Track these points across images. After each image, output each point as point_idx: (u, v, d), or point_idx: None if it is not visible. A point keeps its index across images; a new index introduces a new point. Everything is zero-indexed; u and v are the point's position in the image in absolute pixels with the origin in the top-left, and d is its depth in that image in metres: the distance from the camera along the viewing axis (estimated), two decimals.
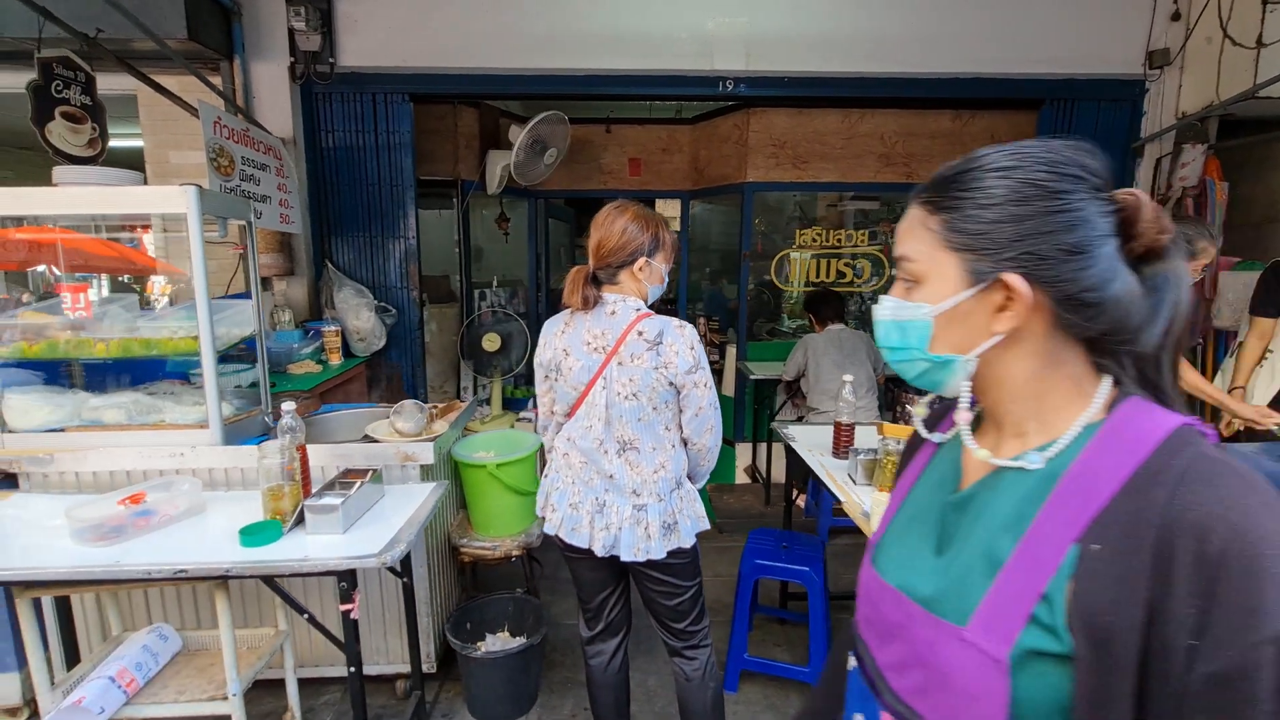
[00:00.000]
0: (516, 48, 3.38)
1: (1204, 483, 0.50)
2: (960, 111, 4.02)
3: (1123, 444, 0.55)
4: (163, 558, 1.54)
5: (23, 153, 6.40)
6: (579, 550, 1.59)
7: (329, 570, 1.51)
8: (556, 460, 1.64)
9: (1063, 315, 0.57)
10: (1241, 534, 0.47)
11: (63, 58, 2.22)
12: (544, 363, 1.62)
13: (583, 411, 1.56)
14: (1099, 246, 0.56)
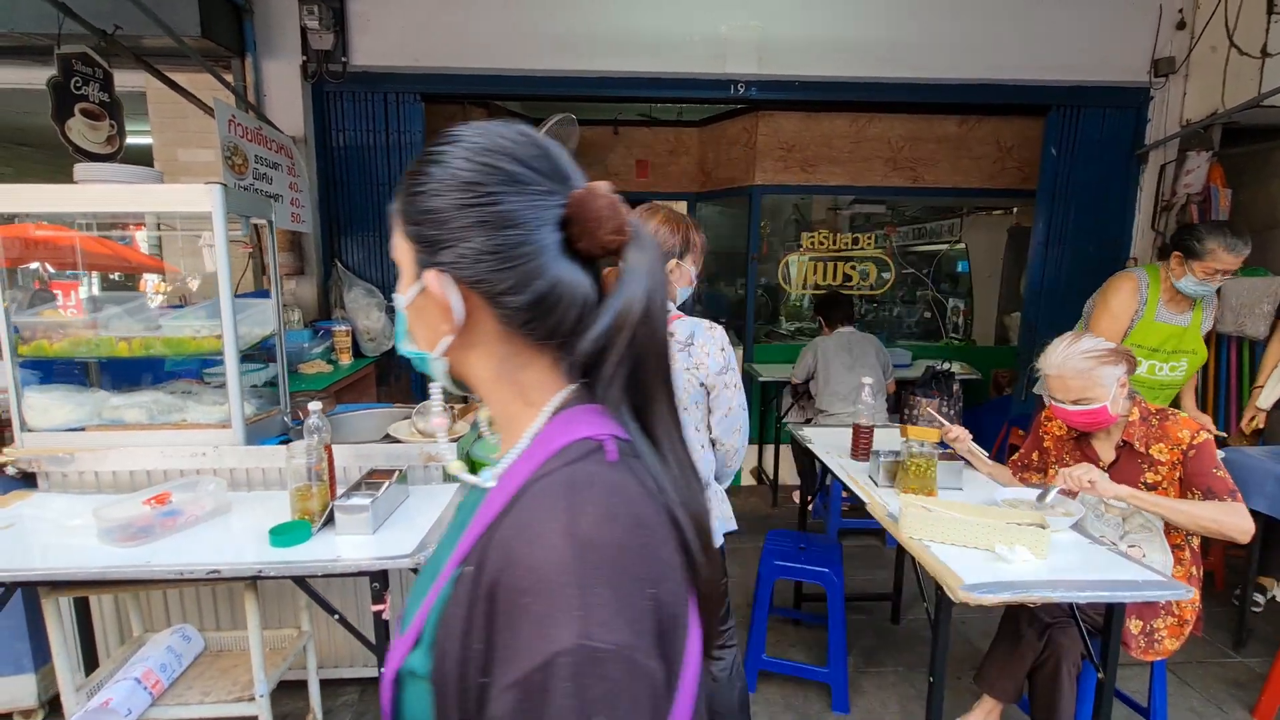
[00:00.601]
0: (530, 49, 3.38)
1: (528, 502, 0.46)
2: (966, 117, 4.06)
3: (531, 458, 0.50)
4: (192, 558, 1.53)
5: (21, 149, 6.34)
6: None
7: (361, 570, 1.51)
8: None
9: (501, 317, 0.52)
10: (513, 564, 0.43)
11: (81, 54, 2.21)
12: None
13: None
14: (527, 244, 0.50)
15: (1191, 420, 1.74)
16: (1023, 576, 1.44)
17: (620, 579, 0.42)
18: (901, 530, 1.65)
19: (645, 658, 0.42)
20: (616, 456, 0.48)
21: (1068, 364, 1.75)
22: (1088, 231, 3.72)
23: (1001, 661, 1.81)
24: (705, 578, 0.50)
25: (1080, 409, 1.74)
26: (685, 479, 0.52)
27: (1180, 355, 2.45)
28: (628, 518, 0.45)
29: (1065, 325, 3.79)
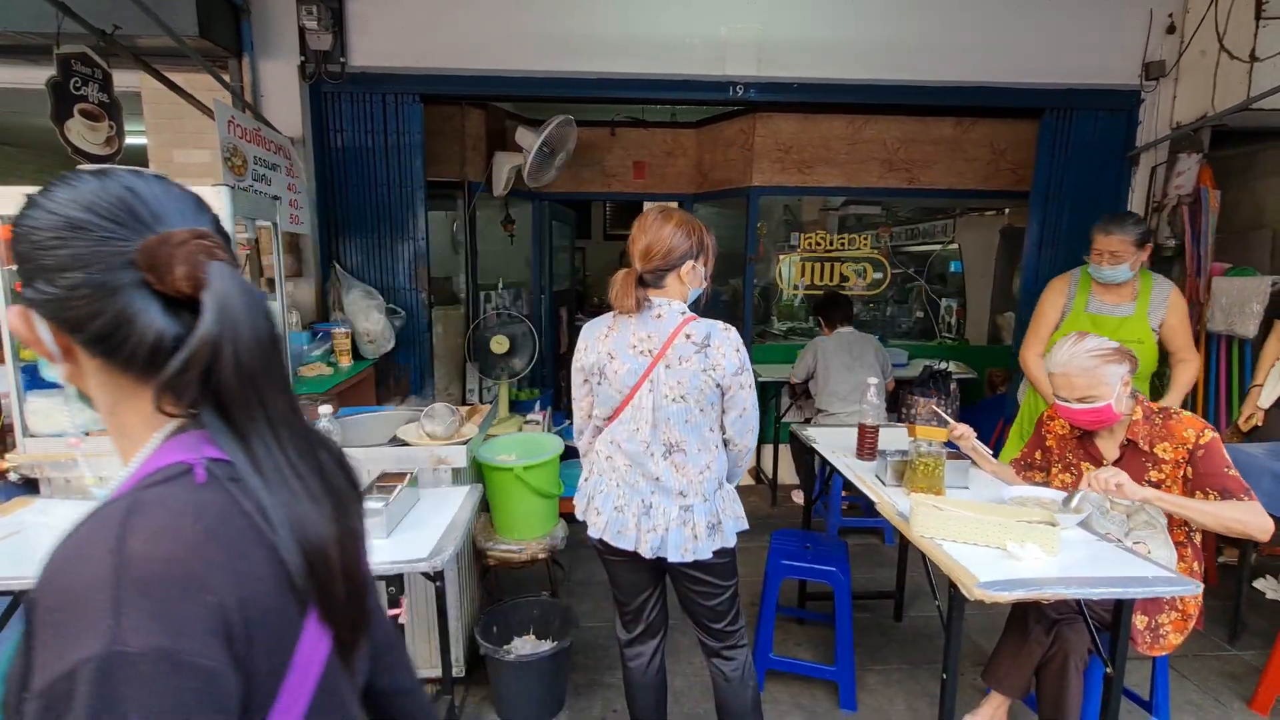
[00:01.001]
0: (530, 50, 3.38)
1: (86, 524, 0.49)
2: (961, 119, 4.11)
3: (126, 484, 0.54)
4: None
5: (6, 149, 6.24)
6: (622, 553, 1.59)
7: (377, 575, 1.50)
8: (599, 463, 1.64)
9: (86, 352, 0.56)
10: (48, 583, 0.46)
11: (81, 54, 2.18)
12: (585, 366, 1.61)
13: (628, 414, 1.56)
14: (85, 286, 0.53)
15: (1196, 419, 1.76)
16: (1035, 573, 1.47)
17: (165, 588, 0.46)
18: (913, 529, 1.67)
19: (195, 657, 0.45)
20: (204, 478, 0.53)
21: (1073, 362, 1.77)
22: (1081, 232, 3.76)
23: (1009, 658, 1.83)
24: (321, 591, 0.55)
25: (1085, 407, 1.77)
26: (300, 499, 0.56)
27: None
28: (193, 533, 0.49)
29: None
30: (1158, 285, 2.48)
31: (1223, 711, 2.22)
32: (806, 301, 4.58)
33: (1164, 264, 3.66)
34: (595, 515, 1.62)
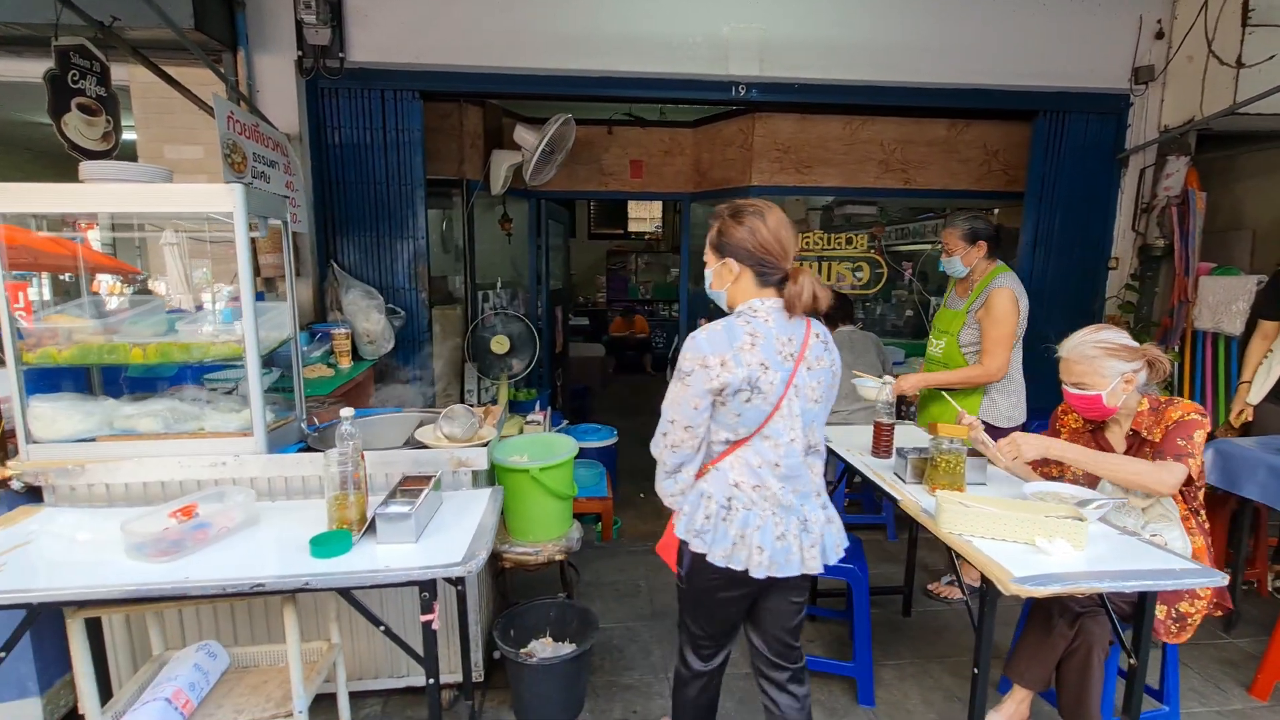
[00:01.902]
0: (531, 47, 3.35)
1: None
2: (955, 120, 4.17)
3: None
4: (228, 572, 1.47)
5: None
6: (753, 583, 1.45)
7: (411, 580, 1.48)
8: (741, 496, 1.44)
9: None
10: None
11: (79, 46, 2.10)
12: (731, 383, 1.37)
13: (780, 426, 1.42)
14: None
15: (1191, 405, 1.83)
16: (1065, 568, 1.49)
17: None
18: (942, 526, 1.68)
19: None
20: None
21: (1077, 349, 1.90)
22: (1072, 233, 3.86)
23: (1032, 650, 1.87)
24: None
25: (1076, 392, 1.89)
26: None
27: (942, 335, 2.73)
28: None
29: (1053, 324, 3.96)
30: (990, 284, 2.57)
31: (1223, 698, 2.29)
32: None
33: (1153, 263, 3.77)
34: (757, 554, 1.43)
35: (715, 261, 1.49)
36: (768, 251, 1.42)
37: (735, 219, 1.45)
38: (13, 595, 1.36)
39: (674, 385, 1.45)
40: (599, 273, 10.40)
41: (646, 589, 2.99)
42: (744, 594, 1.52)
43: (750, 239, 1.43)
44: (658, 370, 9.57)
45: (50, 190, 1.74)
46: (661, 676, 2.37)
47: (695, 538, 1.47)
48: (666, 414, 1.46)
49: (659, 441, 1.51)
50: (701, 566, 1.48)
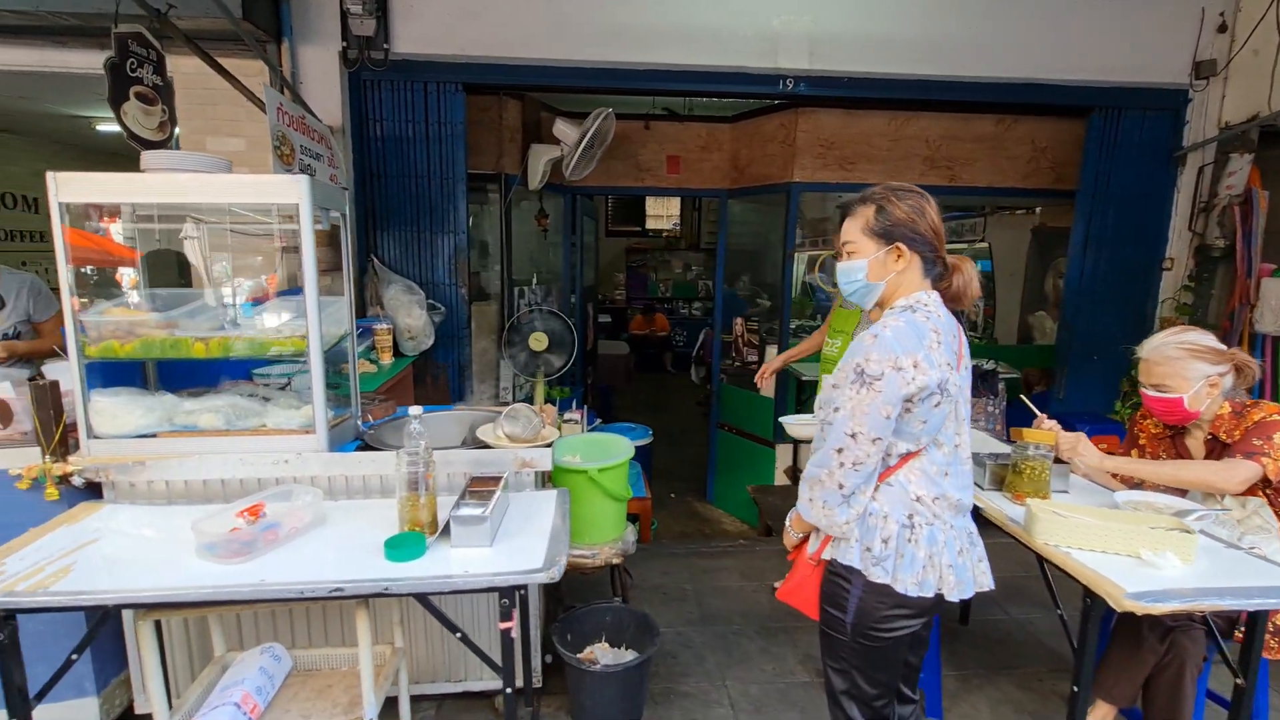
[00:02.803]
0: (576, 39, 3.29)
1: None
2: (1003, 116, 4.06)
3: None
4: (300, 574, 1.43)
5: (4, 135, 6.03)
6: (934, 607, 1.33)
7: (492, 586, 1.42)
8: (924, 512, 1.30)
9: None
10: None
11: (137, 34, 2.06)
12: (929, 385, 1.24)
13: (950, 431, 1.32)
14: None
15: (1276, 405, 1.76)
16: (1176, 583, 1.42)
17: None
18: (1036, 537, 1.61)
19: None
20: None
21: (1160, 349, 1.82)
22: (1125, 233, 3.76)
23: (1119, 665, 1.79)
24: None
25: (1156, 394, 1.81)
26: None
27: (838, 334, 2.75)
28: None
29: (1104, 325, 3.87)
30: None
31: None
32: None
33: (1210, 264, 3.66)
34: (948, 574, 1.30)
35: (878, 248, 1.33)
36: (938, 236, 1.33)
37: (898, 198, 1.32)
38: (87, 597, 1.32)
39: (856, 393, 1.25)
40: (618, 270, 10.34)
41: (693, 592, 2.93)
42: (921, 625, 1.36)
43: (921, 221, 1.31)
44: (678, 369, 9.50)
45: (117, 180, 1.70)
46: (719, 684, 2.31)
47: (875, 566, 1.29)
48: (844, 427, 1.26)
49: (830, 461, 1.28)
50: (881, 601, 1.30)
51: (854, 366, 1.27)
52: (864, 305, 1.41)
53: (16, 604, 1.30)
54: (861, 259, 1.36)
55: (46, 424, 1.72)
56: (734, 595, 2.92)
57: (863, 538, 1.31)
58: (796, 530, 1.48)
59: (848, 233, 1.39)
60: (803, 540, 1.48)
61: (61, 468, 1.75)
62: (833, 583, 1.36)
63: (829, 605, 1.38)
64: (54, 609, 1.31)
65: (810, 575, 1.43)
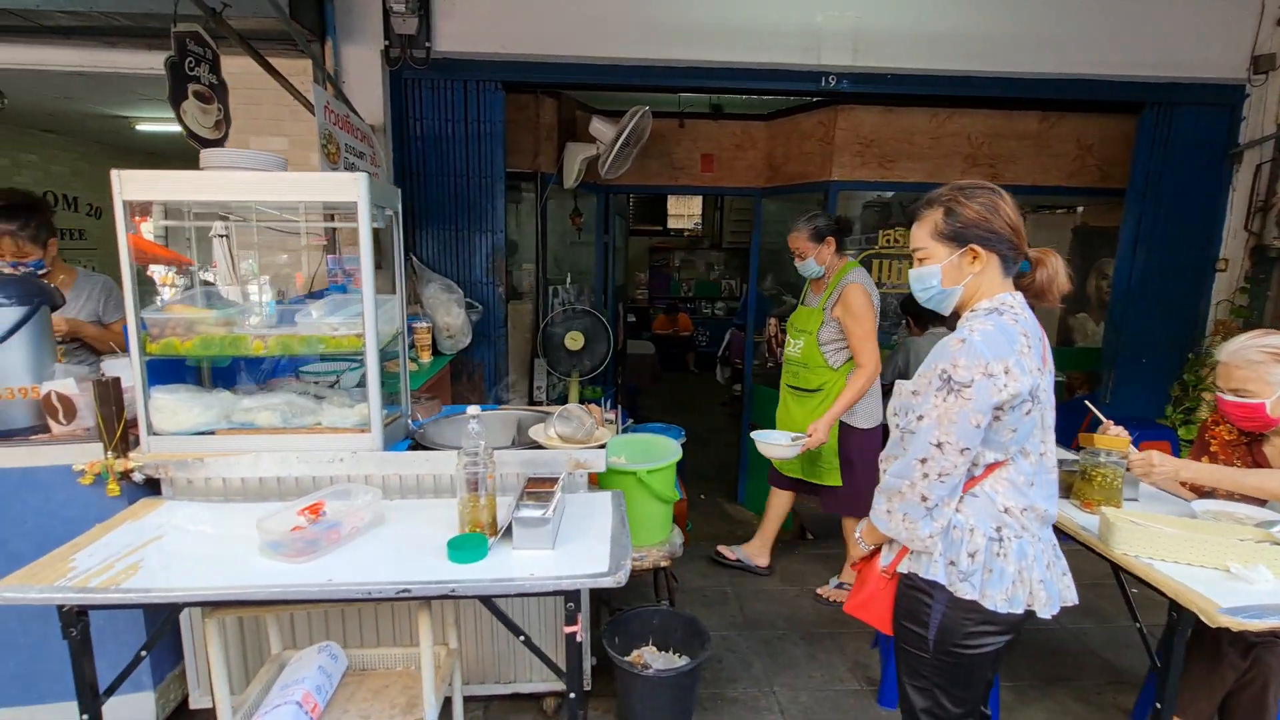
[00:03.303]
0: (617, 36, 3.26)
1: None
2: (1048, 113, 3.97)
3: None
4: (363, 573, 1.42)
5: (46, 135, 6.15)
6: (1022, 620, 1.28)
7: (558, 590, 1.40)
8: (1013, 524, 1.25)
9: None
10: None
11: (194, 33, 2.07)
12: (1022, 392, 1.18)
13: (1037, 438, 1.27)
14: None
15: None
16: (1273, 598, 1.36)
17: None
18: (1114, 547, 1.56)
19: None
20: None
21: (1240, 353, 1.74)
22: (1177, 233, 3.65)
23: (1197, 682, 1.72)
24: None
25: (1236, 400, 1.73)
26: None
27: (800, 334, 2.74)
28: None
29: (1153, 327, 3.77)
30: (842, 279, 2.61)
31: None
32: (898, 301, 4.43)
33: (1267, 265, 3.55)
34: (1038, 590, 1.25)
35: (949, 253, 1.28)
36: (1016, 232, 1.26)
37: (967, 197, 1.26)
38: (158, 594, 1.32)
39: (942, 401, 1.19)
40: (640, 269, 10.31)
41: (734, 596, 2.90)
42: (1006, 643, 1.29)
43: (995, 218, 1.24)
44: (701, 369, 9.45)
45: (180, 177, 1.70)
46: (767, 690, 2.27)
47: (961, 581, 1.23)
48: (929, 436, 1.20)
49: (911, 471, 1.23)
50: (967, 617, 1.24)
51: (939, 373, 1.21)
52: (943, 311, 1.36)
53: (90, 600, 1.30)
54: (934, 265, 1.31)
55: (109, 420, 1.73)
56: (775, 599, 2.88)
57: (946, 551, 1.26)
58: (868, 542, 1.43)
59: (917, 238, 1.34)
60: (873, 552, 1.44)
61: (123, 464, 1.76)
62: (912, 598, 1.31)
63: (907, 621, 1.33)
64: (127, 606, 1.31)
65: (883, 589, 1.38)
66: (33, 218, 2.18)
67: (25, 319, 1.79)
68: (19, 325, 1.78)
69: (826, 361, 2.66)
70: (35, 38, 3.06)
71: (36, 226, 2.18)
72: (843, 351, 2.67)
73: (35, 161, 6.11)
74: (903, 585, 1.34)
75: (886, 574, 1.37)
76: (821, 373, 2.70)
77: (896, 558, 1.35)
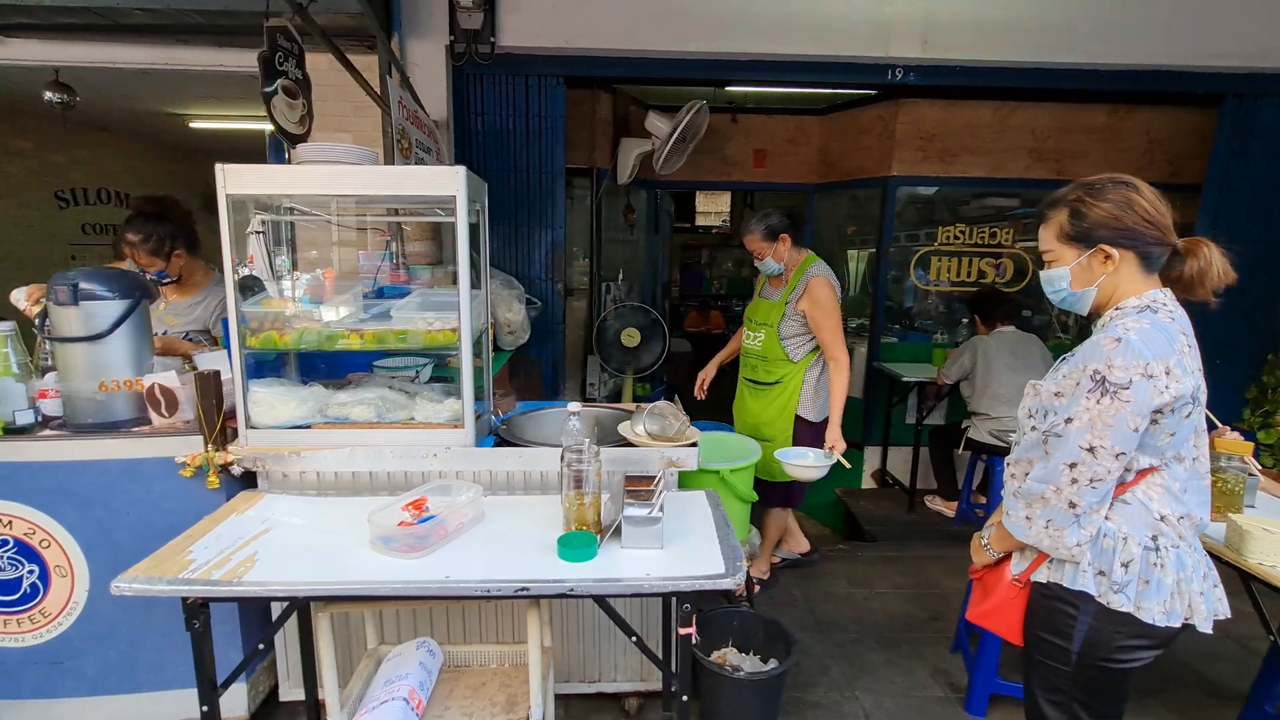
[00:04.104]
0: (679, 30, 3.22)
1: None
2: (1116, 106, 3.86)
3: None
4: (471, 569, 1.40)
5: (100, 134, 6.28)
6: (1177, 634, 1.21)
7: (676, 591, 1.37)
8: (1169, 533, 1.19)
9: None
10: None
11: (283, 28, 2.08)
12: (1184, 395, 1.12)
13: (1195, 443, 1.21)
14: None
15: None
16: None
17: None
18: (1248, 555, 1.49)
19: None
20: None
21: None
22: (1258, 229, 3.52)
23: None
24: None
25: None
26: None
27: (761, 327, 2.70)
28: None
29: (1230, 328, 3.63)
30: (805, 273, 2.58)
31: None
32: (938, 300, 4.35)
33: None
34: (1198, 602, 1.19)
35: (1077, 254, 1.23)
36: (1154, 225, 1.18)
37: (1094, 196, 1.20)
38: (279, 587, 1.32)
39: (1096, 403, 1.13)
40: (672, 266, 10.26)
41: (803, 598, 2.85)
42: (1154, 658, 1.23)
43: (1128, 215, 1.18)
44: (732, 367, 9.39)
45: (282, 172, 1.71)
46: (849, 695, 2.23)
47: (1116, 593, 1.18)
48: (1080, 440, 1.14)
49: (1058, 476, 1.16)
50: (1119, 630, 1.19)
51: (1090, 373, 1.15)
52: (1079, 313, 1.30)
53: (217, 593, 1.30)
54: (1062, 267, 1.26)
55: (209, 413, 1.74)
56: (845, 602, 2.83)
57: (1095, 560, 1.20)
58: (997, 549, 1.37)
59: (1044, 240, 1.29)
60: (1002, 560, 1.38)
61: (223, 457, 1.77)
62: (1052, 608, 1.25)
63: (1045, 632, 1.27)
64: (253, 599, 1.31)
65: (1014, 598, 1.33)
66: (156, 230, 2.19)
67: (128, 313, 1.80)
68: (122, 319, 1.79)
69: (787, 355, 2.63)
70: (110, 35, 3.12)
71: (159, 239, 2.19)
72: (805, 345, 2.62)
73: (88, 159, 6.24)
74: (1038, 595, 1.29)
75: (1019, 583, 1.31)
76: (781, 366, 2.65)
77: (1031, 566, 1.30)
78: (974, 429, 3.33)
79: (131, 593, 1.29)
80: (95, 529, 1.79)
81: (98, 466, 1.77)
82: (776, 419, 2.67)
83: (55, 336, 1.78)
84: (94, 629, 1.84)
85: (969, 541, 1.48)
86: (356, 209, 2.72)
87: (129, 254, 2.25)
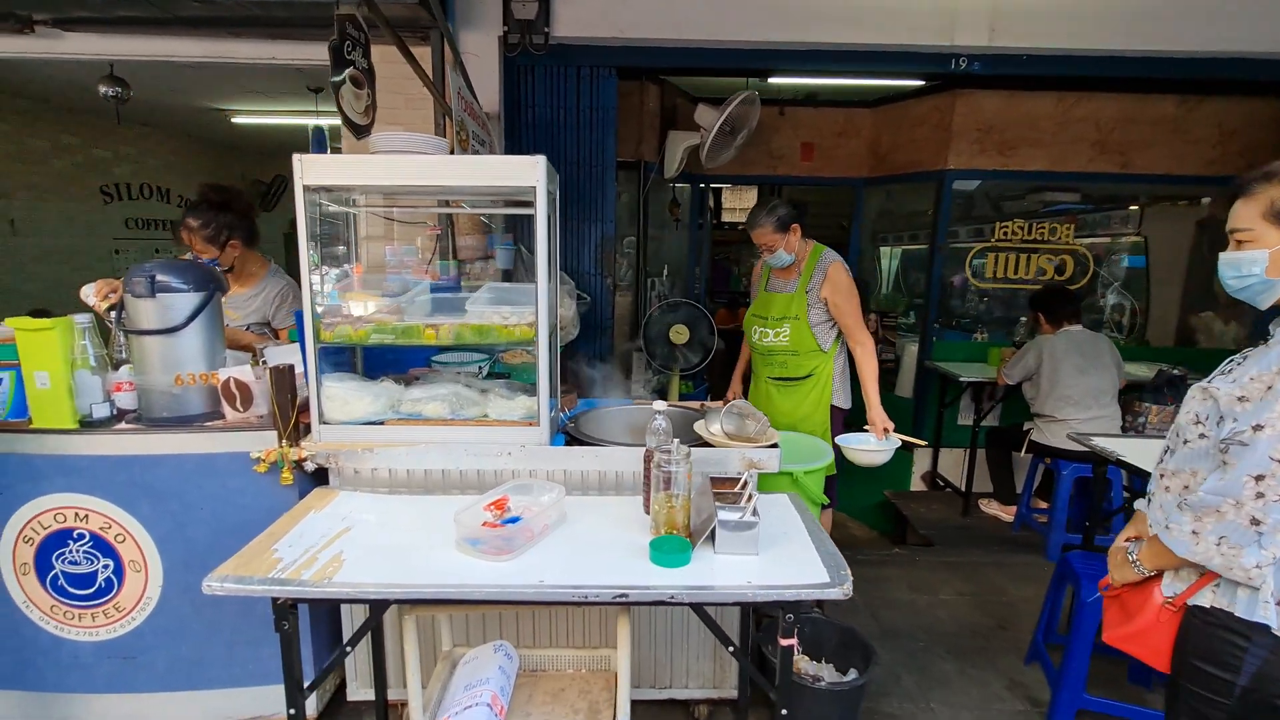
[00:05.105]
0: (734, 19, 3.14)
1: None
2: (1186, 96, 3.70)
3: None
4: (562, 574, 1.35)
5: (143, 128, 6.36)
6: None
7: (782, 600, 1.31)
8: None
9: None
10: None
11: (351, 17, 2.04)
12: None
13: None
14: None
15: None
16: None
17: None
18: None
19: None
20: None
21: None
22: None
23: None
24: None
25: None
26: None
27: (783, 321, 2.60)
28: None
29: None
30: (820, 260, 2.54)
31: None
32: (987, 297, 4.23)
33: None
34: None
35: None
36: None
37: None
38: (371, 589, 1.28)
39: None
40: None
41: (864, 605, 2.77)
42: None
43: None
44: None
45: (360, 162, 1.67)
46: (924, 706, 2.15)
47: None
48: (1272, 451, 1.04)
49: (1239, 489, 1.06)
50: None
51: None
52: (1259, 305, 1.19)
53: (309, 594, 1.27)
54: (1260, 249, 1.14)
55: (284, 408, 1.71)
56: (908, 608, 2.74)
57: (1279, 590, 1.09)
58: (1148, 566, 1.27)
59: (1242, 218, 1.16)
60: (1152, 578, 1.28)
61: (297, 452, 1.74)
62: (1216, 637, 1.15)
63: (1204, 662, 1.17)
64: (346, 600, 1.27)
65: (1165, 621, 1.23)
66: (216, 219, 2.21)
67: (202, 305, 1.78)
68: (197, 312, 1.77)
69: (819, 344, 2.56)
70: (164, 29, 3.12)
71: (217, 227, 2.21)
72: (831, 332, 2.57)
73: (132, 154, 6.32)
74: (1198, 620, 1.18)
75: (1173, 606, 1.22)
76: (813, 357, 2.58)
77: (1190, 589, 1.20)
78: (1038, 431, 3.22)
79: (224, 592, 1.26)
80: (169, 523, 1.77)
81: (172, 460, 1.75)
82: (813, 412, 2.60)
83: (132, 329, 1.76)
84: (166, 624, 1.82)
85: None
86: (411, 201, 2.69)
87: (187, 239, 2.25)
